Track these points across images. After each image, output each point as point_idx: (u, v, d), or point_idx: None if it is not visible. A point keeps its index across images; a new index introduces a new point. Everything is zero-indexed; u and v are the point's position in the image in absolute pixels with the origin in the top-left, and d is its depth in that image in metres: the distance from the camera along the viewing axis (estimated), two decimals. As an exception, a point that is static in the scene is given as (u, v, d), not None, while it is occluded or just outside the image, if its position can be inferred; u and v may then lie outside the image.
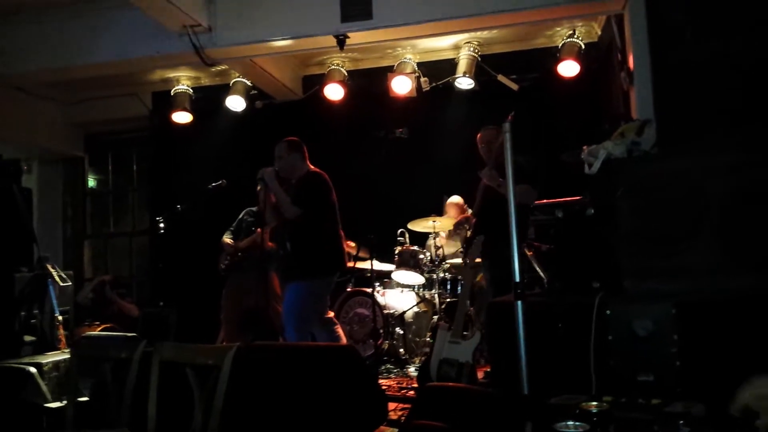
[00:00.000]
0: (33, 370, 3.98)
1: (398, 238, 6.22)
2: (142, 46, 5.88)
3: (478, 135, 5.00)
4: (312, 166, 4.91)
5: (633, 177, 3.07)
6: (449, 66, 6.69)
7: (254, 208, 5.91)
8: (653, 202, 2.99)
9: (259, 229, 5.47)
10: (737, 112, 4.01)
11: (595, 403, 2.14)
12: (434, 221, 6.00)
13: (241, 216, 6.00)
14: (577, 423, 1.84)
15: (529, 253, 3.42)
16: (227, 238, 5.93)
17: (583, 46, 6.18)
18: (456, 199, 6.13)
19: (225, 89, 7.13)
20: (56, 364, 4.12)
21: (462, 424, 2.83)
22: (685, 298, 2.74)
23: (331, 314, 5.06)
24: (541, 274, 3.39)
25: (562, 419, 1.86)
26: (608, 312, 2.77)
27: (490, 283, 4.89)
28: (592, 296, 2.83)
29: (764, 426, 1.95)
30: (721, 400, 2.38)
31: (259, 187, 4.98)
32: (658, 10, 4.64)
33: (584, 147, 3.35)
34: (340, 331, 4.97)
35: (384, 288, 6.26)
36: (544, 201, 3.59)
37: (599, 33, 6.32)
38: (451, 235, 6.21)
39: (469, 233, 5.13)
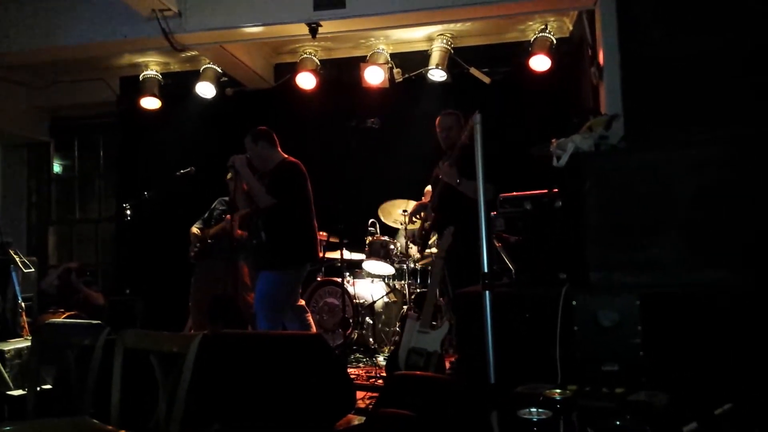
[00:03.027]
0: (-6, 357, 3.91)
1: (369, 229, 6.22)
2: (110, 29, 5.77)
3: (437, 120, 4.93)
4: (286, 155, 4.88)
5: (600, 170, 3.11)
6: (422, 58, 6.69)
7: (226, 198, 5.87)
8: (620, 196, 3.03)
9: (228, 216, 5.43)
10: (704, 109, 4.08)
11: (558, 390, 2.17)
12: (404, 210, 6.02)
13: (213, 206, 5.95)
14: (541, 410, 1.86)
15: (497, 245, 3.45)
16: (195, 228, 5.87)
17: (554, 41, 6.23)
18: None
19: (195, 75, 7.04)
20: (19, 352, 4.05)
21: (429, 413, 2.85)
22: (649, 291, 2.79)
23: (302, 302, 5.05)
24: (510, 265, 3.42)
25: (527, 407, 1.88)
26: (574, 303, 2.81)
27: (447, 275, 4.86)
28: (558, 287, 2.86)
29: None
30: (684, 389, 2.43)
31: (229, 175, 4.93)
32: (628, 7, 4.69)
33: (553, 140, 3.38)
34: (310, 319, 4.96)
35: (354, 278, 6.27)
36: (513, 193, 3.62)
37: (571, 28, 6.38)
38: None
39: (426, 224, 5.11)
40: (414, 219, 5.20)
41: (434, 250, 4.79)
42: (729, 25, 4.25)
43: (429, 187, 6.05)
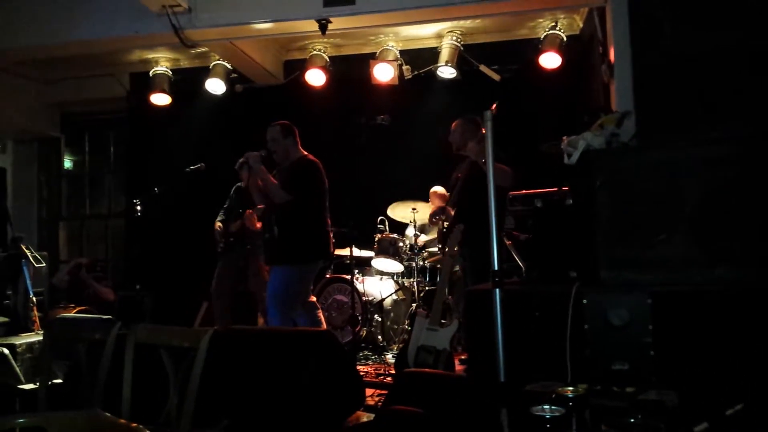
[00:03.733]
0: (6, 351, 3.94)
1: (378, 226, 6.23)
2: (121, 25, 5.79)
3: (453, 126, 5.04)
4: (305, 152, 4.88)
5: (611, 168, 3.09)
6: (431, 55, 6.68)
7: (240, 183, 5.89)
8: (631, 194, 3.01)
9: (249, 211, 5.47)
10: (716, 106, 4.06)
11: (571, 388, 2.16)
12: (414, 209, 6.02)
13: (231, 194, 5.96)
14: (553, 407, 1.86)
15: (507, 243, 3.44)
16: (218, 222, 5.89)
17: (564, 39, 6.20)
18: (439, 189, 6.14)
19: (205, 72, 7.05)
20: (30, 346, 4.08)
21: (438, 410, 2.85)
22: (660, 289, 2.77)
23: (314, 298, 5.06)
24: (520, 263, 3.41)
25: (538, 404, 1.88)
26: (584, 301, 2.80)
27: (468, 272, 4.93)
28: (569, 285, 2.85)
29: None
30: (694, 389, 2.42)
31: (244, 172, 4.97)
32: (639, 4, 4.67)
33: (564, 137, 3.36)
34: (321, 315, 4.97)
35: (363, 275, 6.27)
36: (524, 191, 3.61)
37: (581, 26, 6.35)
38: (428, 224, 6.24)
39: (445, 224, 5.15)
40: (434, 220, 5.25)
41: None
42: (740, 22, 4.23)
43: (435, 188, 6.07)
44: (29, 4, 5.98)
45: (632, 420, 1.62)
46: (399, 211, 6.31)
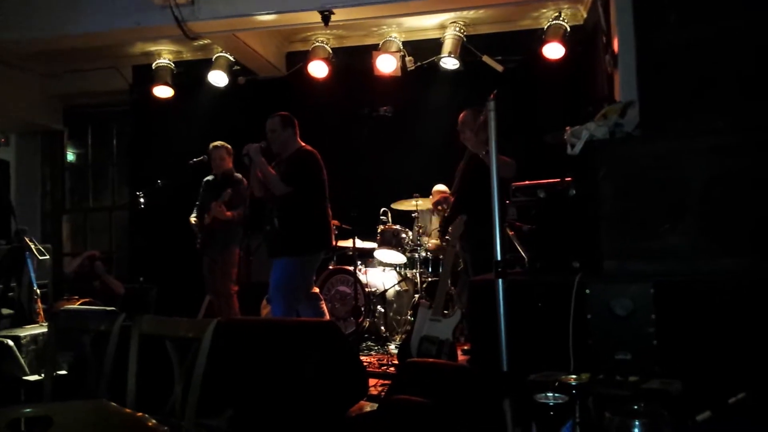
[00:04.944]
0: (10, 342, 3.95)
1: (381, 217, 6.23)
2: (124, 18, 5.79)
3: (459, 116, 5.02)
4: (304, 143, 4.87)
5: (615, 158, 3.08)
6: (434, 46, 6.66)
7: (209, 177, 5.90)
8: (634, 184, 3.00)
9: (215, 202, 5.51)
10: (720, 96, 4.04)
11: (574, 376, 2.17)
12: (417, 201, 6.02)
13: (201, 189, 5.98)
14: (557, 394, 1.86)
15: (510, 233, 3.44)
16: (192, 218, 5.93)
17: (568, 29, 6.18)
18: (441, 187, 6.12)
19: (207, 64, 7.05)
20: (34, 337, 4.10)
21: (441, 400, 2.86)
22: (663, 279, 2.77)
23: (316, 290, 5.07)
24: (523, 253, 3.41)
25: (542, 392, 1.88)
26: (587, 291, 2.79)
27: (471, 263, 4.93)
28: (571, 276, 2.84)
29: None
30: (697, 378, 2.43)
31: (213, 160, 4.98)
32: (643, -6, 4.65)
33: (567, 128, 3.36)
34: (324, 306, 4.98)
35: (366, 266, 6.28)
36: (527, 182, 3.61)
37: (585, 16, 6.33)
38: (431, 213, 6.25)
39: (446, 213, 5.17)
40: (438, 208, 5.26)
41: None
42: (746, 11, 4.20)
43: (437, 187, 6.07)
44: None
45: (635, 407, 1.63)
46: (403, 205, 6.30)
